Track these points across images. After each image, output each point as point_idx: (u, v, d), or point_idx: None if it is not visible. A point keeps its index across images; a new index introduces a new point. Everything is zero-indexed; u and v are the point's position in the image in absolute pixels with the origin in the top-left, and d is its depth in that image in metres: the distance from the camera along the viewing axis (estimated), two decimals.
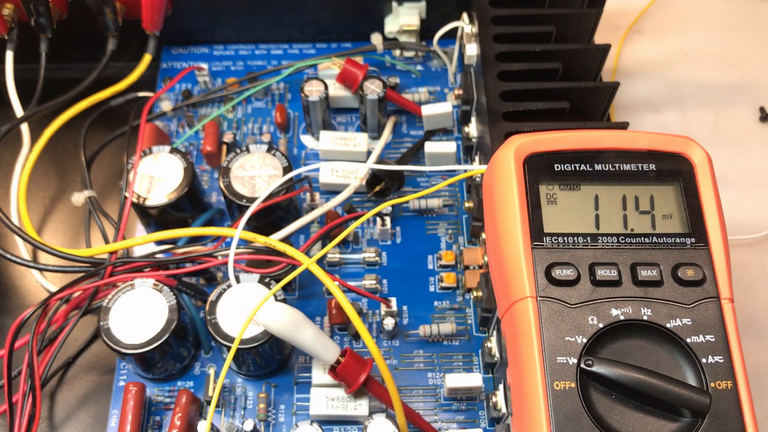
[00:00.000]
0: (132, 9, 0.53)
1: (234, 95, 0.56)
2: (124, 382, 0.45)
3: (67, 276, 0.46)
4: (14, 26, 0.52)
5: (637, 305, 0.32)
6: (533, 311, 0.32)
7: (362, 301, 0.47)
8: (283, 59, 0.59)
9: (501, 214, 0.35)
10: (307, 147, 0.54)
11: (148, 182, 0.47)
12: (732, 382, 0.31)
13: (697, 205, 0.34)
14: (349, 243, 0.50)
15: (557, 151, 0.35)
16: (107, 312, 0.42)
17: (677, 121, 0.57)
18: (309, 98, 0.51)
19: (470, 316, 0.47)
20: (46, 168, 0.55)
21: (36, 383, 0.39)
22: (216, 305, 0.42)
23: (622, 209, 0.34)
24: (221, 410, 0.44)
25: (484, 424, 0.43)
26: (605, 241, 0.34)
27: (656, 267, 0.33)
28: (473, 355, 0.46)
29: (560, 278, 0.33)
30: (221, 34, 0.59)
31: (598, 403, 0.31)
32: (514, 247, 0.33)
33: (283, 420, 0.44)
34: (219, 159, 0.52)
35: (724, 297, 0.32)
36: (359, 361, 0.41)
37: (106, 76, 0.53)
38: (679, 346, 0.32)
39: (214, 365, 0.45)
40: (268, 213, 0.46)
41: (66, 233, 0.53)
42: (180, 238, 0.46)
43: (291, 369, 0.45)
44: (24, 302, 0.50)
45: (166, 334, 0.41)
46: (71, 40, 0.53)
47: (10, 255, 0.44)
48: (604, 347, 0.32)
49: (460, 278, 0.48)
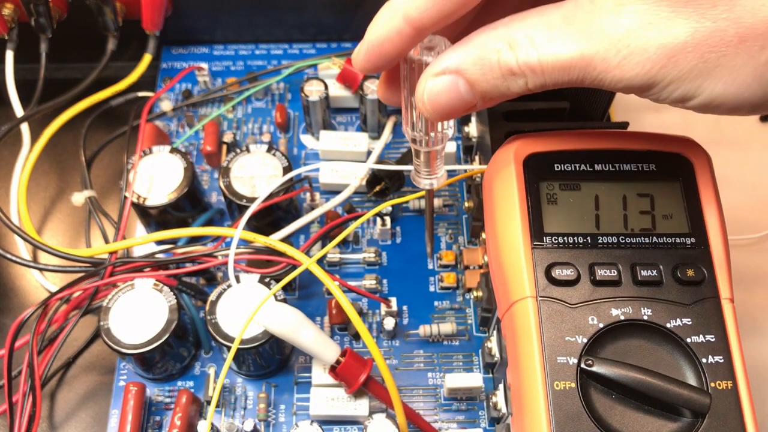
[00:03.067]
0: (132, 9, 0.53)
1: (234, 95, 0.56)
2: (124, 382, 0.45)
3: (67, 276, 0.46)
4: (14, 26, 0.52)
5: (637, 305, 0.32)
6: (533, 311, 0.32)
7: (362, 301, 0.47)
8: (283, 59, 0.59)
9: (501, 214, 0.35)
10: (307, 147, 0.54)
11: (148, 182, 0.47)
12: (732, 382, 0.31)
13: (697, 205, 0.34)
14: (349, 243, 0.50)
15: (557, 151, 0.35)
16: (107, 312, 0.42)
17: (677, 121, 0.57)
18: (309, 98, 0.51)
19: (470, 316, 0.47)
20: (46, 168, 0.55)
21: (36, 383, 0.39)
22: (216, 305, 0.42)
23: (622, 209, 0.34)
24: (221, 410, 0.44)
25: (484, 424, 0.43)
26: (605, 241, 0.34)
27: (656, 267, 0.33)
28: (473, 355, 0.46)
29: (560, 278, 0.33)
30: (221, 34, 0.59)
31: (598, 403, 0.31)
32: (514, 247, 0.33)
33: (283, 420, 0.44)
34: (219, 159, 0.52)
35: (724, 297, 0.32)
36: (359, 361, 0.41)
37: (106, 76, 0.53)
38: (679, 346, 0.32)
39: (214, 365, 0.45)
40: (268, 213, 0.46)
41: (66, 233, 0.53)
42: (180, 238, 0.46)
43: (291, 369, 0.45)
44: (24, 302, 0.50)
45: (166, 334, 0.41)
46: (71, 40, 0.53)
47: (10, 255, 0.44)
48: (604, 347, 0.32)
49: (460, 278, 0.48)
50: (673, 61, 0.25)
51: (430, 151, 0.34)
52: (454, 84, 0.28)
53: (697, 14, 0.24)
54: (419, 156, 0.35)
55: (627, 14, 0.25)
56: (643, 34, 0.25)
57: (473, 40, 0.28)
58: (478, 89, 0.28)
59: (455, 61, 0.28)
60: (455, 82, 0.28)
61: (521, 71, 0.27)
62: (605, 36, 0.25)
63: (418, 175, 0.36)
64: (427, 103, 0.29)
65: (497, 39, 0.27)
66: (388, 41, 0.29)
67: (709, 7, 0.24)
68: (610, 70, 0.26)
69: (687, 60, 0.25)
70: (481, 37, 0.28)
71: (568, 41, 0.26)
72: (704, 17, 0.24)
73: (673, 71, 0.25)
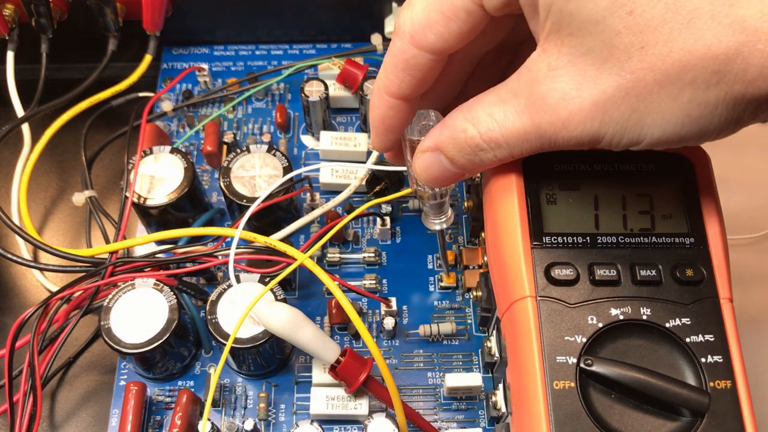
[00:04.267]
0: (132, 9, 0.53)
1: (234, 95, 0.56)
2: (124, 381, 0.45)
3: (67, 276, 0.46)
4: (15, 26, 0.52)
5: (637, 305, 0.32)
6: (533, 311, 0.32)
7: (362, 300, 0.47)
8: (284, 59, 0.59)
9: (501, 213, 0.35)
10: (307, 147, 0.54)
11: (149, 182, 0.47)
12: (731, 382, 0.31)
13: (697, 205, 0.34)
14: (349, 243, 0.50)
15: (557, 151, 0.35)
16: (108, 312, 0.42)
17: None
18: (309, 98, 0.51)
19: (470, 316, 0.47)
20: (47, 168, 0.55)
21: (37, 383, 0.40)
22: (216, 305, 0.42)
23: (621, 209, 0.34)
24: (221, 410, 0.44)
25: (483, 423, 0.43)
26: (605, 241, 0.34)
27: (655, 267, 0.33)
28: (473, 355, 0.46)
29: (560, 278, 0.33)
30: (221, 35, 0.59)
31: (598, 403, 0.31)
32: (513, 247, 0.33)
33: (283, 419, 0.44)
34: (219, 159, 0.52)
35: (723, 297, 0.33)
36: (359, 360, 0.41)
37: (107, 76, 0.53)
38: (678, 346, 0.32)
39: (215, 365, 0.45)
40: (268, 213, 0.47)
41: (67, 233, 0.53)
42: (180, 238, 0.46)
43: (291, 368, 0.45)
44: (25, 302, 0.50)
45: (167, 333, 0.41)
46: (72, 41, 0.53)
47: (11, 255, 0.44)
48: (603, 347, 0.32)
49: (460, 278, 0.48)
50: (608, 116, 0.27)
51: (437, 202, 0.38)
52: (438, 160, 0.32)
53: (617, 68, 0.26)
54: (426, 204, 0.38)
55: (560, 78, 0.27)
56: (577, 94, 0.27)
57: (446, 122, 0.32)
58: (456, 163, 0.32)
59: (434, 141, 0.32)
60: (438, 158, 0.32)
61: (488, 145, 0.30)
62: (545, 103, 0.28)
63: (428, 218, 0.39)
64: (421, 175, 0.34)
65: (463, 119, 0.31)
66: (388, 117, 0.33)
67: (625, 60, 0.25)
68: (559, 132, 0.28)
69: (620, 112, 0.26)
70: (452, 118, 0.31)
71: (520, 113, 0.29)
72: (624, 70, 0.25)
73: (611, 124, 0.27)
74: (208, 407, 0.38)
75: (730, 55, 0.24)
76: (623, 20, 0.25)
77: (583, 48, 0.26)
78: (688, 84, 0.25)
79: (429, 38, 0.30)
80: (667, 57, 0.25)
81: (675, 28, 0.24)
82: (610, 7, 0.25)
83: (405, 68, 0.31)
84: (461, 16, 0.29)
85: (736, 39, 0.23)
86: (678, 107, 0.25)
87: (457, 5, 0.29)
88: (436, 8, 0.29)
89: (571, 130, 0.27)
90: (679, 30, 0.24)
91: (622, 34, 0.25)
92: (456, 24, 0.29)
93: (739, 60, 0.24)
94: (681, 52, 0.24)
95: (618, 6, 0.25)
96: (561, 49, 0.27)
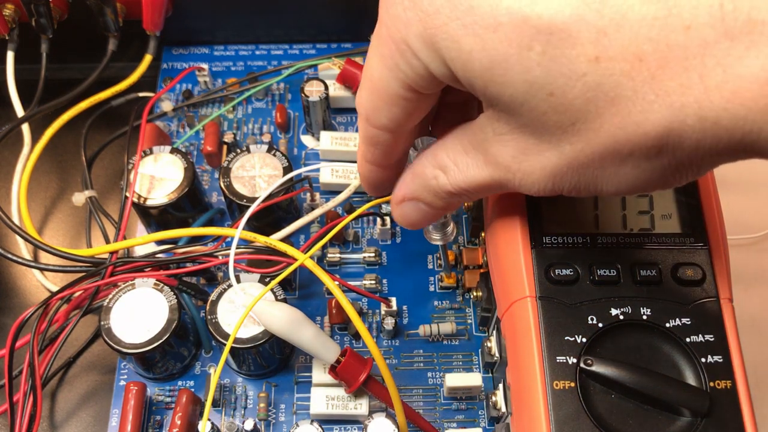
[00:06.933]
0: (132, 9, 0.53)
1: (234, 95, 0.56)
2: (124, 381, 0.45)
3: (68, 276, 0.46)
4: (15, 26, 0.52)
5: (637, 305, 0.32)
6: (533, 311, 0.32)
7: (362, 300, 0.47)
8: (284, 59, 0.59)
9: (501, 213, 0.35)
10: (307, 147, 0.54)
11: (149, 182, 0.47)
12: (731, 382, 0.31)
13: (697, 205, 0.34)
14: (349, 243, 0.50)
15: None
16: (108, 312, 0.42)
17: None
18: (309, 98, 0.51)
19: (470, 316, 0.47)
20: (47, 168, 0.55)
21: (37, 383, 0.40)
22: (216, 305, 0.42)
23: (621, 209, 0.34)
24: (221, 410, 0.44)
25: (483, 423, 0.43)
26: (604, 241, 0.34)
27: (655, 267, 0.33)
28: (473, 355, 0.46)
29: (560, 278, 0.33)
30: (221, 35, 0.59)
31: (598, 403, 0.31)
32: (513, 247, 0.33)
33: (283, 419, 0.44)
34: (219, 159, 0.52)
35: (723, 297, 0.33)
36: (359, 360, 0.41)
37: (107, 76, 0.53)
38: (678, 346, 0.32)
39: (215, 365, 0.45)
40: (268, 213, 0.47)
41: (67, 233, 0.53)
42: (180, 237, 0.46)
43: (291, 368, 0.45)
44: (25, 302, 0.50)
45: (167, 333, 0.41)
46: (72, 41, 0.53)
47: (11, 255, 0.44)
48: (603, 347, 0.32)
49: (460, 278, 0.48)
50: (559, 179, 0.27)
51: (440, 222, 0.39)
52: (417, 207, 0.33)
53: (555, 139, 0.25)
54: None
55: (507, 143, 0.27)
56: (524, 158, 0.27)
57: (416, 170, 0.32)
58: (435, 207, 0.32)
59: (409, 191, 0.33)
60: (417, 205, 0.33)
61: (458, 192, 0.30)
62: (498, 164, 0.28)
63: (429, 233, 0.40)
64: (403, 223, 0.34)
65: (432, 166, 0.31)
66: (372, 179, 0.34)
67: (561, 134, 0.25)
68: (520, 185, 0.28)
69: (570, 177, 0.26)
70: (420, 166, 0.32)
71: (480, 167, 0.29)
72: (562, 142, 0.25)
73: (564, 185, 0.27)
74: (208, 407, 0.38)
75: (661, 132, 0.23)
76: (546, 101, 0.24)
77: (519, 122, 0.26)
78: (627, 156, 0.24)
79: (382, 120, 0.30)
80: (599, 132, 0.24)
81: (601, 106, 0.23)
82: (529, 90, 0.24)
83: (372, 143, 0.32)
84: (400, 102, 0.29)
85: (662, 115, 0.23)
86: (624, 173, 0.25)
87: (392, 93, 0.28)
88: (377, 96, 0.29)
89: (529, 187, 0.28)
90: (606, 107, 0.23)
91: (548, 114, 0.24)
92: (399, 108, 0.29)
93: (673, 135, 0.23)
94: (612, 128, 0.24)
95: (536, 89, 0.24)
96: (500, 118, 0.27)
